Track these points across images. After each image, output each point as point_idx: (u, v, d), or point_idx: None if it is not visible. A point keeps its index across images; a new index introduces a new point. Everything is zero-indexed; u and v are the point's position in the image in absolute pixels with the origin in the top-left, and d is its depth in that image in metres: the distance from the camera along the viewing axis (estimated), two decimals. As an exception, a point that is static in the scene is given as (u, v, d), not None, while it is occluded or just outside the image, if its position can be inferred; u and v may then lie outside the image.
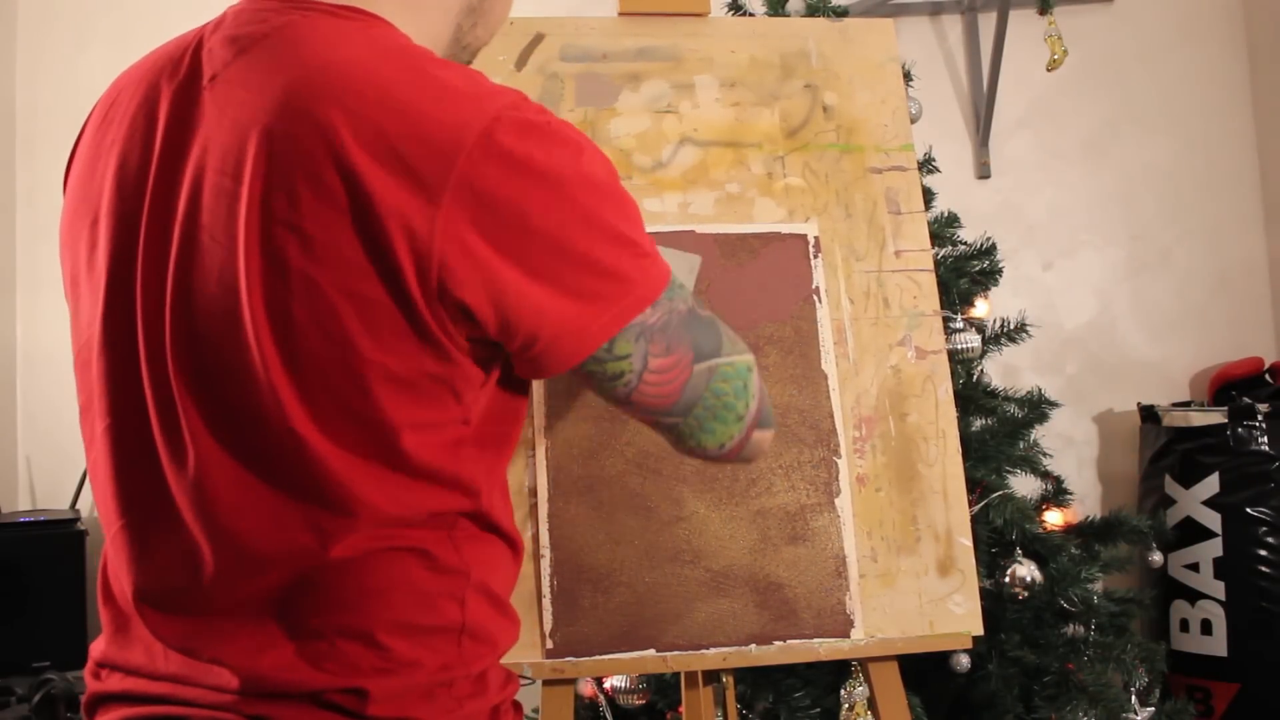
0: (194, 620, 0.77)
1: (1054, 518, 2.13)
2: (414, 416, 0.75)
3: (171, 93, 0.80)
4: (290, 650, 0.75)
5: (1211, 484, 2.40)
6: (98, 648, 0.83)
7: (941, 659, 1.87)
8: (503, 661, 0.84)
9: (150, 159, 0.79)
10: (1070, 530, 2.10)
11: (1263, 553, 2.34)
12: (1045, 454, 2.15)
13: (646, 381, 0.81)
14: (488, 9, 0.92)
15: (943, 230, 2.19)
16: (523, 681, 0.99)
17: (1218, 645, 2.35)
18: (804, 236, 1.33)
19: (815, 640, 1.21)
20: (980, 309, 2.20)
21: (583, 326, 0.77)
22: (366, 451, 0.74)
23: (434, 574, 0.78)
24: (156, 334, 0.77)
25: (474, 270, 0.71)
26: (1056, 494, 2.18)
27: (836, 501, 1.25)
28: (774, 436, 0.95)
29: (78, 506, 2.36)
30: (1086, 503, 2.72)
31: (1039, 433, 2.16)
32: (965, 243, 2.24)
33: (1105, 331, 2.82)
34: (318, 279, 0.71)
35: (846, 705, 1.57)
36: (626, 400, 0.83)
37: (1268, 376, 2.60)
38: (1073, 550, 1.99)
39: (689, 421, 0.86)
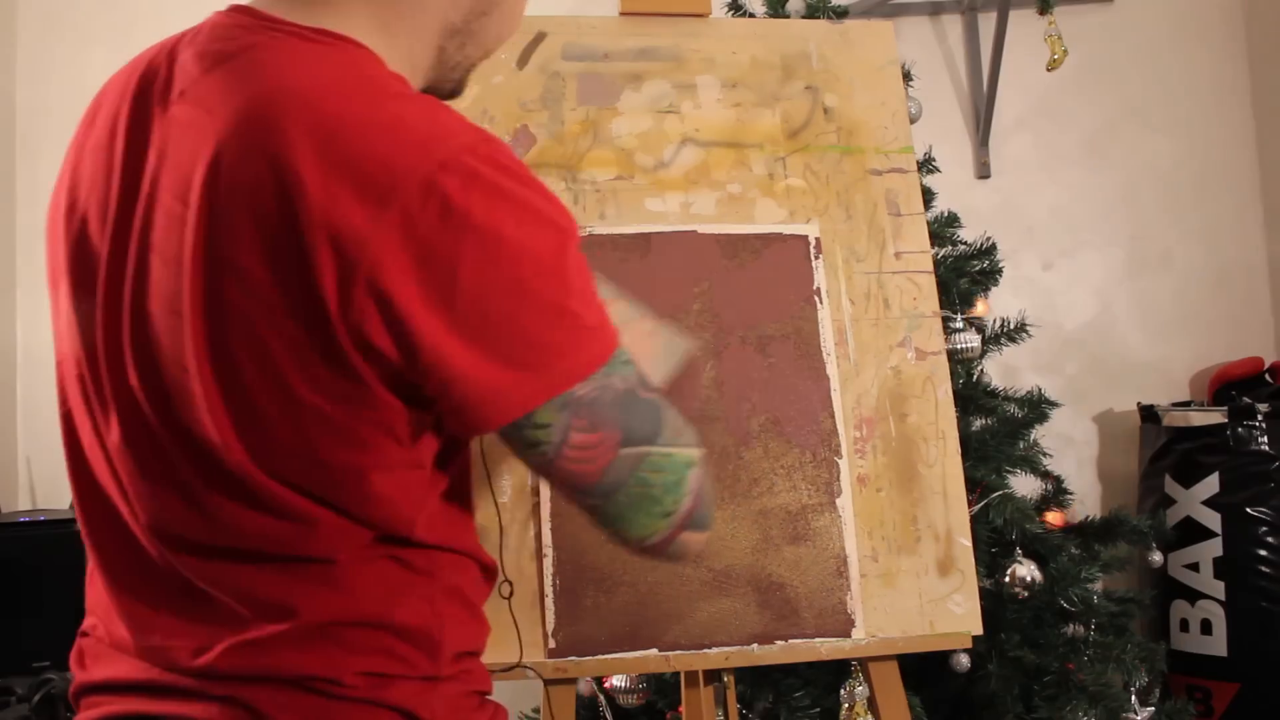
0: (158, 612, 0.79)
1: (1054, 518, 2.13)
2: (358, 459, 0.74)
3: (145, 105, 0.79)
4: (265, 638, 0.76)
5: (1211, 484, 2.40)
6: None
7: (941, 659, 1.88)
8: (505, 661, 0.85)
9: (117, 170, 0.79)
10: (1070, 530, 2.11)
11: (1263, 553, 2.34)
12: (1045, 454, 2.15)
13: (565, 456, 0.76)
14: (479, 30, 0.87)
15: (943, 230, 2.19)
16: (526, 679, 0.99)
17: (1218, 645, 2.35)
18: (805, 237, 1.33)
19: (817, 640, 1.21)
20: (980, 309, 2.20)
21: (502, 394, 0.73)
22: (315, 490, 0.75)
23: (405, 572, 0.80)
24: (117, 353, 0.77)
25: (394, 309, 0.68)
26: (1056, 494, 2.18)
27: (838, 501, 1.25)
28: (707, 538, 0.88)
29: (78, 506, 2.35)
30: (1086, 503, 2.73)
31: (1039, 433, 2.16)
32: (965, 243, 2.25)
33: (1105, 331, 2.82)
34: (252, 315, 0.70)
35: (846, 705, 1.57)
36: (545, 469, 0.79)
37: (1268, 376, 2.60)
38: (1073, 550, 1.99)
39: (610, 506, 0.80)
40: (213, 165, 0.71)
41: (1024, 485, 2.14)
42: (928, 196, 2.21)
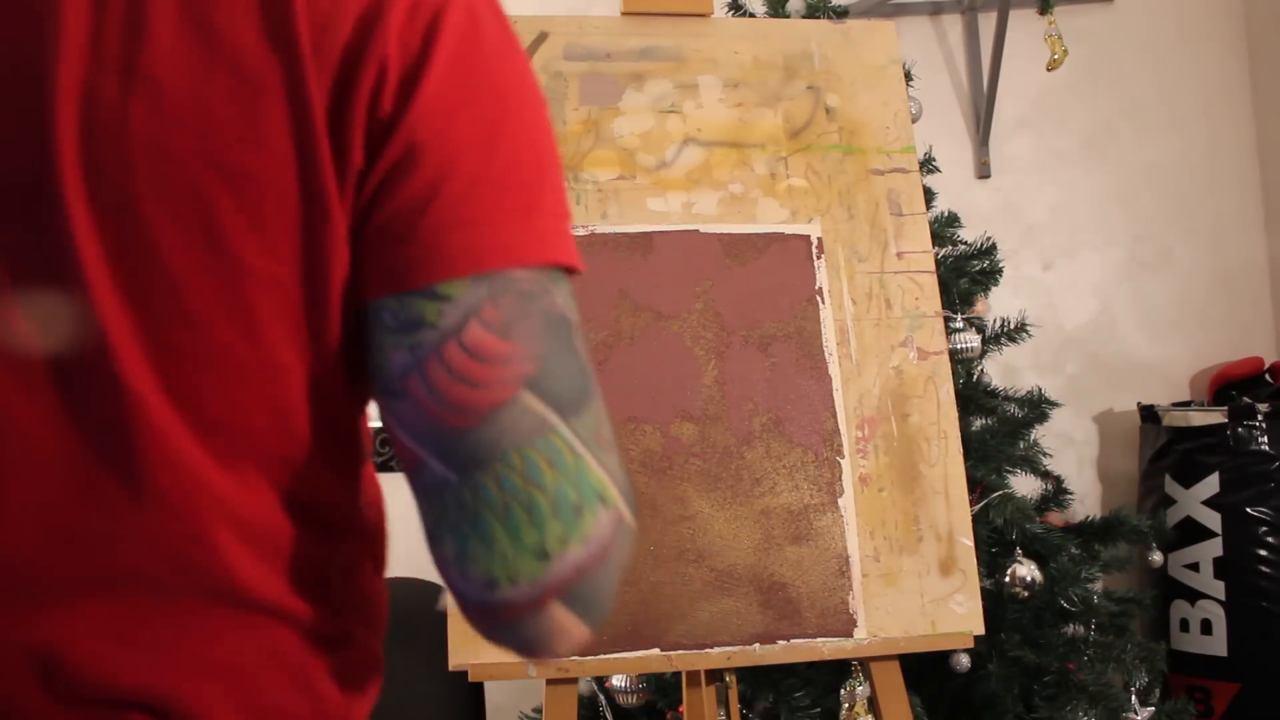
0: None
1: (1054, 517, 2.13)
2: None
3: None
4: None
5: (1211, 484, 2.40)
6: None
7: (941, 659, 1.88)
8: (508, 660, 0.83)
9: None
10: (1070, 530, 2.11)
11: (1263, 553, 2.34)
12: (1045, 454, 2.15)
13: (447, 358, 0.53)
14: None
15: (943, 230, 2.19)
16: (527, 678, 0.99)
17: (1218, 645, 2.36)
18: (807, 237, 1.33)
19: (819, 639, 1.21)
20: (980, 309, 2.20)
21: (477, 226, 0.54)
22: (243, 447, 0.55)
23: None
24: None
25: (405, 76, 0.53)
26: (1056, 494, 2.18)
27: (839, 501, 1.25)
28: (588, 636, 0.57)
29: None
30: (1086, 503, 2.73)
31: (1039, 433, 2.16)
32: (965, 243, 2.25)
33: (1105, 331, 2.82)
34: (174, 148, 0.51)
35: (847, 705, 1.57)
36: (400, 381, 0.54)
37: (1268, 376, 2.60)
38: (1073, 550, 1.99)
39: (465, 492, 0.53)
40: None
41: (1024, 485, 2.14)
42: (928, 196, 2.21)
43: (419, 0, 0.54)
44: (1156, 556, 2.19)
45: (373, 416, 0.62)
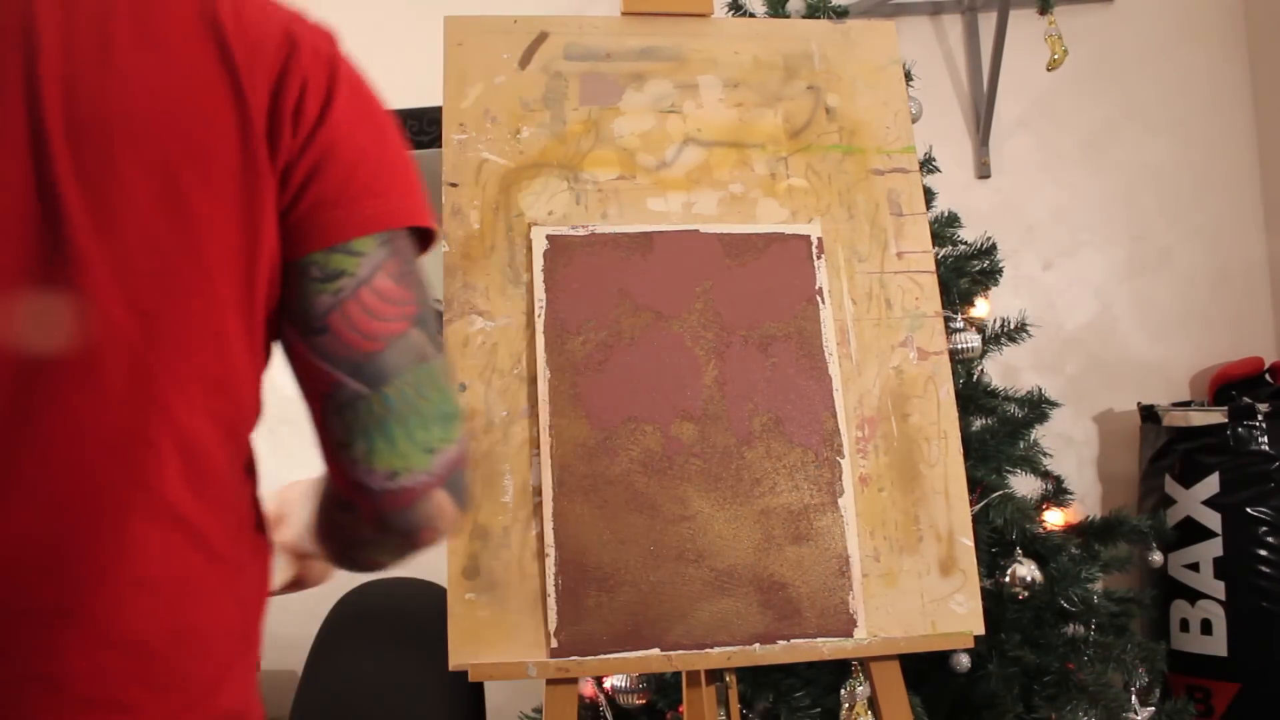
0: None
1: (1054, 518, 2.13)
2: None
3: None
4: None
5: (1211, 484, 2.40)
6: None
7: (941, 658, 1.88)
8: (508, 660, 0.85)
9: None
10: (1070, 530, 2.11)
11: (1263, 553, 2.34)
12: (1045, 454, 2.15)
13: (361, 299, 0.71)
14: None
15: (943, 230, 2.19)
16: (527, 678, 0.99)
17: (1218, 645, 2.35)
18: (807, 237, 1.33)
19: (819, 639, 1.21)
20: (980, 309, 2.20)
21: (369, 199, 0.74)
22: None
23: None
24: None
25: (319, 101, 0.72)
26: (1056, 494, 2.18)
27: (840, 501, 1.25)
28: (458, 521, 0.78)
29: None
30: (1086, 503, 2.73)
31: (1039, 433, 2.16)
32: (965, 243, 2.25)
33: (1105, 331, 2.82)
34: (147, 124, 0.68)
35: (847, 705, 1.57)
36: (326, 318, 0.72)
37: (1268, 376, 2.60)
38: (1073, 550, 1.99)
39: (375, 404, 0.72)
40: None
41: (1024, 485, 2.14)
42: (928, 196, 2.21)
43: (317, 47, 0.74)
44: (1156, 556, 2.19)
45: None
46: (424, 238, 0.78)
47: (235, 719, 0.71)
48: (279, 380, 0.78)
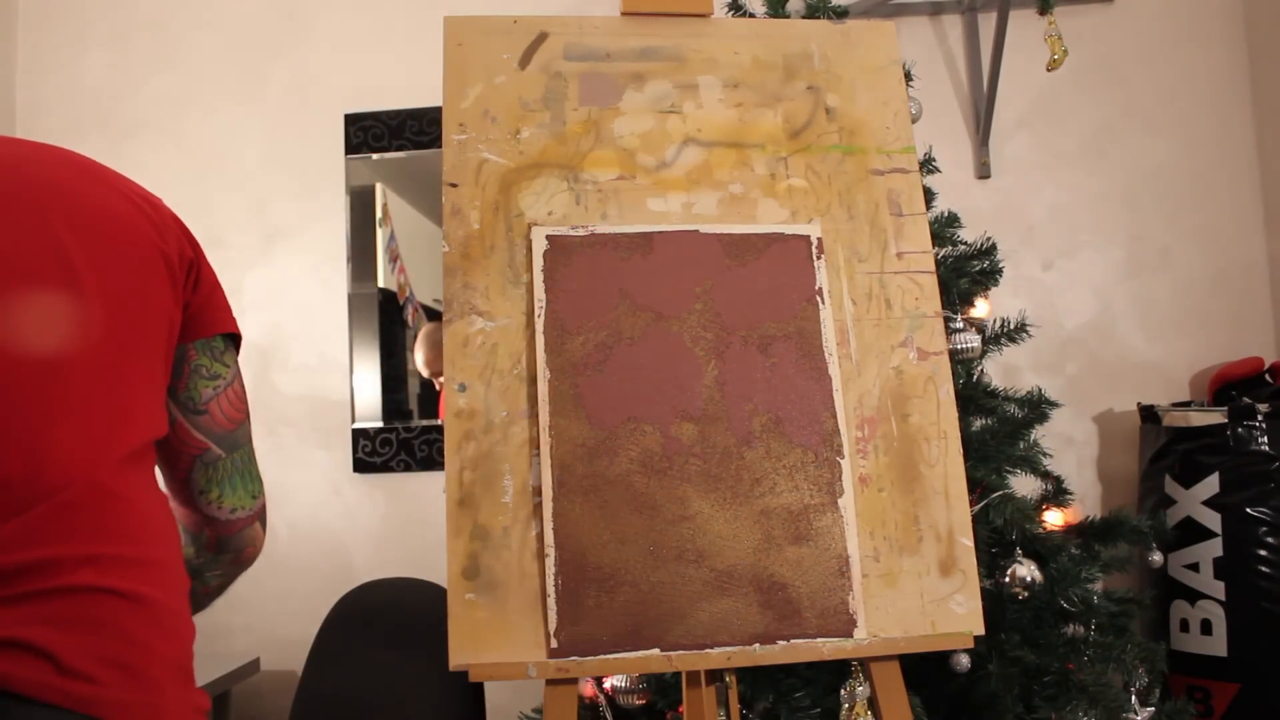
0: None
1: (1054, 518, 2.13)
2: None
3: None
4: None
5: (1211, 484, 2.41)
6: None
7: (941, 659, 1.88)
8: (508, 660, 0.91)
9: None
10: (1070, 530, 2.11)
11: (1263, 553, 2.34)
12: (1045, 454, 2.15)
13: (232, 392, 1.09)
14: None
15: (943, 230, 2.19)
16: (527, 679, 1.00)
17: (1218, 645, 2.36)
18: (807, 238, 1.33)
19: (819, 640, 1.21)
20: (980, 309, 2.20)
21: (225, 310, 1.12)
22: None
23: None
24: None
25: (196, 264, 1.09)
26: (1056, 494, 2.18)
27: (839, 502, 1.25)
28: (258, 551, 1.19)
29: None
30: (1086, 503, 2.73)
31: (1039, 433, 2.16)
32: (965, 243, 2.25)
33: (1105, 331, 2.82)
34: (131, 242, 1.03)
35: (847, 705, 1.57)
36: (207, 404, 1.08)
37: (1268, 376, 2.60)
38: (1073, 550, 2.00)
39: (227, 464, 1.09)
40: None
41: (1024, 485, 2.14)
42: (928, 196, 2.21)
43: (183, 228, 1.09)
44: (1156, 556, 2.19)
45: (359, 420, 0.99)
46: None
47: None
48: (279, 380, 0.80)
